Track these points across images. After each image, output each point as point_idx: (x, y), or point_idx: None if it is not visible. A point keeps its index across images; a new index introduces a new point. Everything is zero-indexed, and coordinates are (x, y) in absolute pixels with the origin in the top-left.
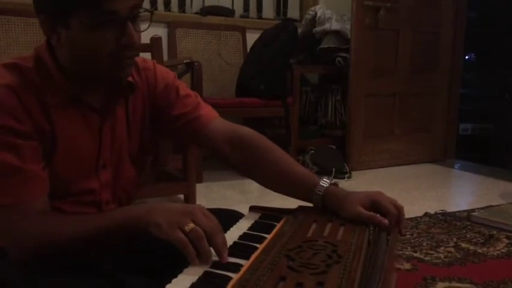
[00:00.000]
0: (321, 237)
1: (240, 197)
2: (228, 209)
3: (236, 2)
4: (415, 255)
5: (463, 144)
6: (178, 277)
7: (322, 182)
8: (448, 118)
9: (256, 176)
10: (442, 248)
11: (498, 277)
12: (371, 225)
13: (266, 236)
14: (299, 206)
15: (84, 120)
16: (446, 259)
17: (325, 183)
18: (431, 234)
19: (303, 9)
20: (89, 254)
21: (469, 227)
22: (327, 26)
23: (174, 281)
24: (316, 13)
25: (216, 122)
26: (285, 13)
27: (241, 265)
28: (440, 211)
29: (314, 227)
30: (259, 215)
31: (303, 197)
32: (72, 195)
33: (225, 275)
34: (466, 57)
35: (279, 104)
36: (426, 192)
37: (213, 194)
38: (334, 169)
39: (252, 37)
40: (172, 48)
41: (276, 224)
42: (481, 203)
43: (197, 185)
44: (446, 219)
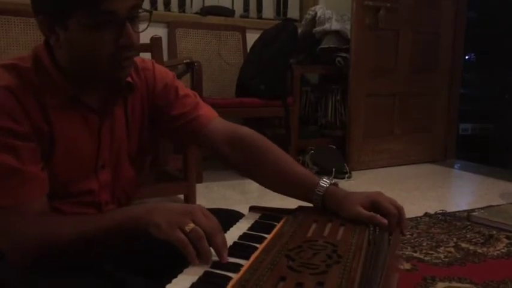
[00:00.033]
0: (321, 237)
1: (240, 197)
2: (228, 209)
3: (236, 2)
4: (415, 255)
5: (463, 144)
6: (179, 277)
7: (322, 182)
8: (448, 118)
9: (256, 176)
10: (442, 248)
11: (498, 277)
12: (371, 225)
13: (266, 236)
14: (299, 206)
15: (83, 121)
16: (446, 259)
17: (325, 183)
18: (431, 234)
19: (303, 9)
20: (89, 254)
21: (469, 227)
22: (327, 26)
23: (174, 281)
24: (316, 13)
25: (215, 122)
26: (285, 13)
27: (241, 265)
28: (440, 211)
29: (314, 227)
30: (259, 215)
31: (302, 197)
32: (72, 196)
33: (225, 275)
34: (466, 57)
35: (279, 104)
36: (426, 192)
37: (213, 194)
38: (334, 169)
39: (252, 37)
40: (172, 48)
41: (276, 224)
42: (481, 203)
43: (197, 185)
44: (446, 219)
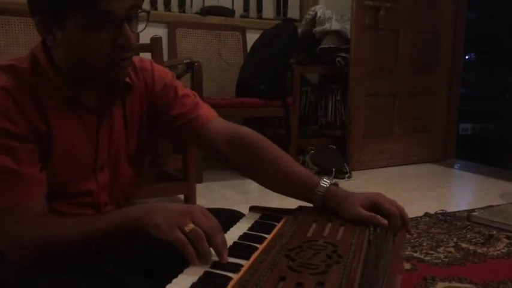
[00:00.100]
0: (321, 237)
1: (240, 197)
2: (228, 209)
3: (236, 2)
4: (415, 255)
5: (463, 144)
6: (179, 277)
7: (322, 182)
8: (448, 118)
9: (256, 176)
10: (442, 248)
11: (498, 277)
12: (371, 226)
13: (266, 236)
14: (299, 206)
15: (81, 122)
16: (446, 259)
17: (326, 183)
18: (431, 234)
19: (303, 9)
20: (88, 255)
21: (469, 227)
22: (327, 26)
23: (174, 281)
24: (316, 13)
25: (215, 122)
26: (285, 13)
27: (242, 265)
28: (440, 211)
29: (314, 227)
30: (259, 215)
31: (303, 197)
32: (71, 197)
33: (225, 275)
34: (466, 57)
35: (279, 104)
36: (426, 192)
37: (213, 194)
38: (334, 169)
39: (252, 37)
40: (172, 48)
41: (276, 224)
42: (481, 203)
43: (197, 185)
44: (446, 219)
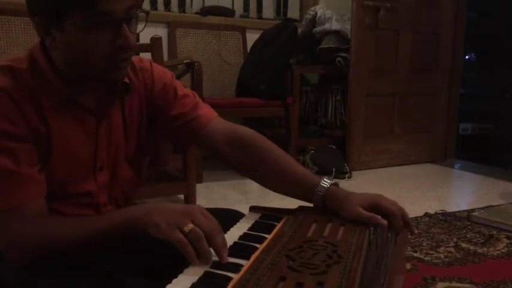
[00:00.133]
0: (321, 237)
1: (240, 197)
2: (228, 209)
3: (236, 2)
4: (415, 255)
5: (463, 144)
6: (179, 277)
7: (322, 182)
8: (448, 118)
9: (257, 176)
10: (442, 248)
11: (498, 277)
12: (371, 226)
13: (266, 236)
14: (299, 206)
15: (80, 122)
16: (447, 259)
17: (326, 183)
18: (432, 234)
19: (303, 9)
20: (88, 255)
21: (469, 227)
22: (327, 26)
23: (174, 281)
24: (316, 13)
25: (215, 122)
26: (285, 13)
27: (242, 265)
28: (440, 211)
29: (314, 227)
30: (260, 215)
31: (303, 197)
32: (70, 197)
33: (226, 275)
34: (466, 57)
35: (279, 104)
36: (426, 192)
37: (213, 194)
38: (334, 169)
39: (252, 37)
40: (172, 48)
41: (276, 224)
42: (481, 203)
43: (197, 185)
44: (446, 219)
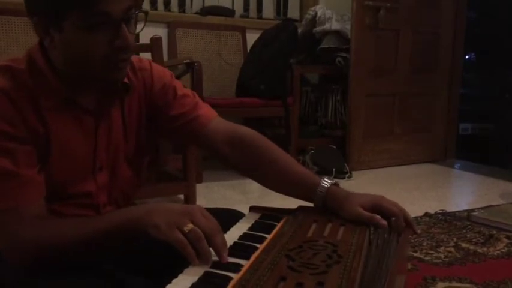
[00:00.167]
0: (321, 237)
1: (240, 197)
2: (228, 209)
3: (236, 2)
4: (415, 255)
5: (463, 144)
6: (179, 277)
7: (323, 182)
8: (448, 118)
9: (257, 176)
10: (442, 248)
11: (498, 277)
12: (371, 226)
13: (266, 236)
14: (299, 206)
15: (79, 123)
16: (447, 259)
17: (326, 183)
18: (432, 234)
19: (303, 9)
20: (88, 256)
21: (469, 227)
22: (327, 26)
23: (174, 281)
24: (316, 13)
25: (215, 121)
26: (285, 13)
27: (242, 265)
28: (441, 211)
29: (314, 227)
30: (260, 215)
31: (303, 196)
32: (70, 198)
33: (226, 275)
34: (466, 57)
35: (279, 104)
36: (426, 192)
37: (213, 194)
38: (334, 169)
39: (252, 37)
40: (172, 48)
41: (276, 224)
42: (481, 203)
43: (197, 185)
44: (447, 219)
